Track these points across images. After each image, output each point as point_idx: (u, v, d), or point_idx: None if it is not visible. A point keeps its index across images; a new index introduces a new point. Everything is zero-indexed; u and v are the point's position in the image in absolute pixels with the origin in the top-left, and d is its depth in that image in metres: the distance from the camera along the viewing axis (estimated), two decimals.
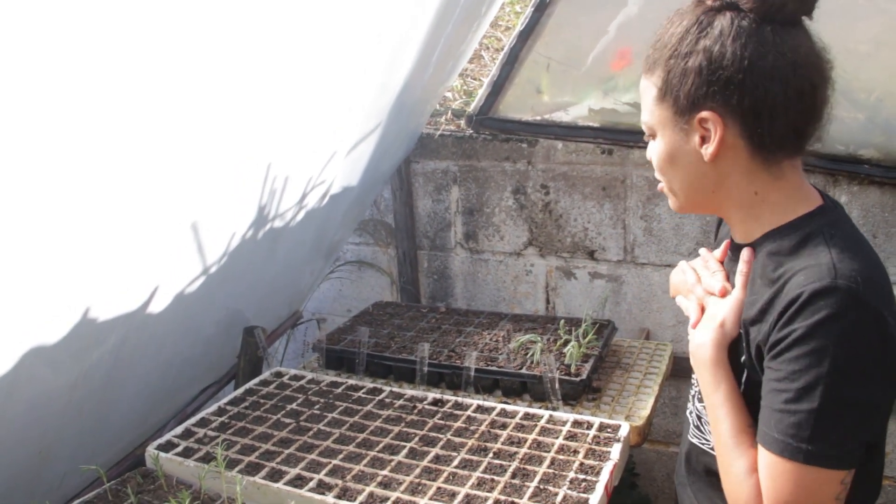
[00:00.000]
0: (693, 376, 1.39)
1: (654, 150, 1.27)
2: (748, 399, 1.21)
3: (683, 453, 1.44)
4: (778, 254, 1.19)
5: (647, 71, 1.26)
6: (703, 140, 1.20)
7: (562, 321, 2.17)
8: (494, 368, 1.95)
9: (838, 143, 2.24)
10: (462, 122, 2.81)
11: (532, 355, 1.97)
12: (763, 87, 1.15)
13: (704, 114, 1.17)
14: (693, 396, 1.43)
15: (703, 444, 1.35)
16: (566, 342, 2.02)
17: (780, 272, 1.17)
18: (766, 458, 1.13)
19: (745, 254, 1.26)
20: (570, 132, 2.56)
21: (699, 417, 1.37)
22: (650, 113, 1.26)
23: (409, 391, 1.91)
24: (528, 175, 2.68)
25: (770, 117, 1.16)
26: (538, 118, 2.62)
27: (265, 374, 2.06)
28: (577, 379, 1.86)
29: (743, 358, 1.22)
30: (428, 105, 2.68)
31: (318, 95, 1.76)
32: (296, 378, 2.02)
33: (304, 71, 1.63)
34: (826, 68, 1.18)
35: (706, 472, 1.35)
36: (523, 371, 1.92)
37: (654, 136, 1.27)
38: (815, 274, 1.10)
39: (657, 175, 1.30)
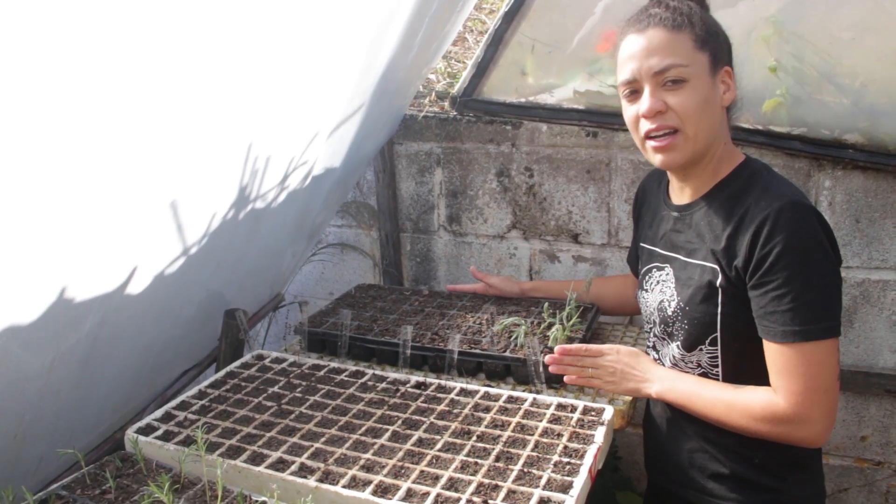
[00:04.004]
0: (647, 326, 1.78)
1: (685, 95, 1.48)
2: (728, 311, 1.53)
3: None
4: (732, 196, 1.54)
5: (674, 29, 1.48)
6: (725, 89, 1.53)
7: (545, 304, 2.16)
8: (478, 351, 1.94)
9: (823, 127, 2.25)
10: (446, 104, 2.79)
11: (516, 338, 1.96)
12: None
13: (727, 68, 1.53)
14: (651, 346, 1.77)
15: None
16: (550, 325, 2.02)
17: (738, 207, 1.51)
18: (789, 351, 1.43)
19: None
20: (554, 114, 2.55)
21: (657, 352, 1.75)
22: (688, 58, 1.48)
23: (392, 374, 1.89)
24: (512, 157, 2.66)
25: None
26: (522, 100, 2.60)
27: (246, 357, 2.04)
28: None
29: (719, 282, 1.52)
30: (412, 86, 2.65)
31: (300, 75, 1.73)
32: (277, 361, 2.01)
33: (286, 50, 1.60)
34: None
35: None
36: (507, 354, 1.91)
37: (682, 81, 1.48)
38: (771, 199, 1.45)
39: (677, 122, 1.50)
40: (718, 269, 1.52)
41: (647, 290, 1.75)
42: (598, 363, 1.70)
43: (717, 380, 1.59)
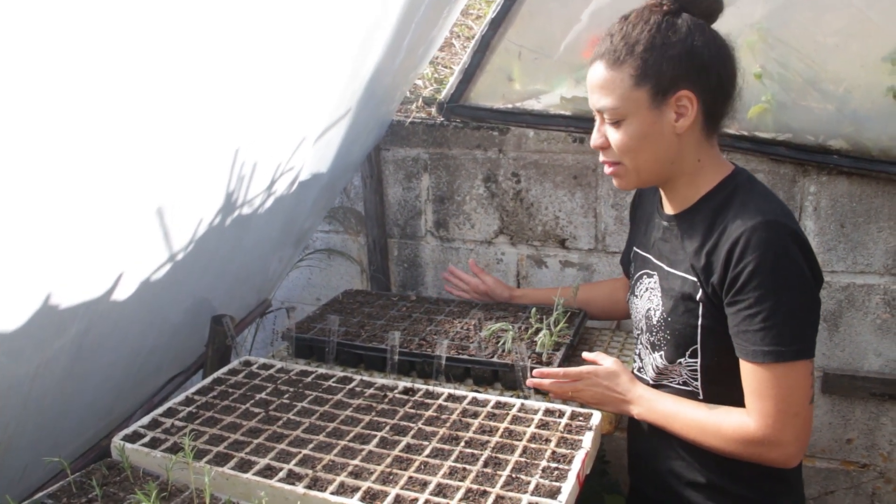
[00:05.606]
0: (635, 332, 1.79)
1: (621, 133, 1.50)
2: (708, 325, 1.53)
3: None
4: (715, 210, 1.52)
5: (614, 65, 1.48)
6: (678, 116, 1.47)
7: (533, 309, 2.16)
8: (466, 357, 1.94)
9: (808, 133, 2.26)
10: (433, 110, 2.79)
11: (503, 344, 1.96)
12: (722, 68, 1.48)
13: (683, 92, 1.45)
14: (638, 354, 1.78)
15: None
16: (537, 330, 2.02)
17: (718, 222, 1.49)
18: (761, 371, 1.43)
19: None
20: (541, 120, 2.55)
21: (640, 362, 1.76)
22: (621, 99, 1.48)
23: (380, 380, 1.89)
24: (499, 163, 2.67)
25: (723, 93, 1.50)
26: (509, 106, 2.61)
27: (234, 363, 2.03)
28: (549, 367, 1.85)
29: (699, 296, 1.52)
30: (398, 92, 2.65)
31: (287, 80, 1.73)
32: (265, 367, 2.00)
33: (272, 55, 1.60)
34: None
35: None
36: (495, 359, 1.91)
37: (618, 120, 1.50)
38: (747, 216, 1.43)
39: (617, 157, 1.54)
40: (698, 282, 1.52)
41: (637, 296, 1.75)
42: (576, 387, 1.72)
43: (697, 392, 1.60)
